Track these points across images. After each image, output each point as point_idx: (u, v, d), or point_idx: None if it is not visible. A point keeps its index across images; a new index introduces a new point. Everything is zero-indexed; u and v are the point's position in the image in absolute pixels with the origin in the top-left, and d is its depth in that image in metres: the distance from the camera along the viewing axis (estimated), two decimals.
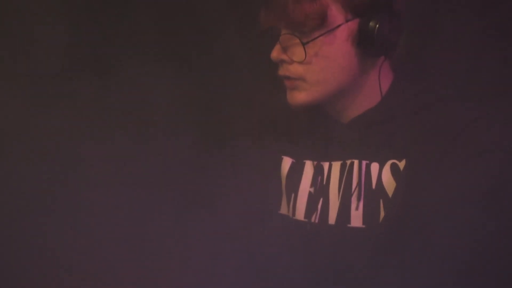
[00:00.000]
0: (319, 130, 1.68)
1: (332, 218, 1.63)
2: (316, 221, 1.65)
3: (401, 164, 1.57)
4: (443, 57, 1.78)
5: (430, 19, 1.79)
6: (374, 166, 1.59)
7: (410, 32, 1.68)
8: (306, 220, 1.66)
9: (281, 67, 1.60)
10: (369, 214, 1.59)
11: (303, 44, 1.54)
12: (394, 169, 1.58)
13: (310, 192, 1.66)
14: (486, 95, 1.68)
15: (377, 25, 1.53)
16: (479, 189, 1.51)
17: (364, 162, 1.60)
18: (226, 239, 1.74)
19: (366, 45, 1.55)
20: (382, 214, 1.58)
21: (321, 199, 1.65)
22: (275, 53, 1.58)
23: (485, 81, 1.72)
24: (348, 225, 1.61)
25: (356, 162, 1.61)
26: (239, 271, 1.69)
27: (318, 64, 1.56)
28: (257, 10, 1.59)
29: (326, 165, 1.65)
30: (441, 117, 1.57)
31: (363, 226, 1.59)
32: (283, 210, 1.71)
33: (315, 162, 1.67)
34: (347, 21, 1.54)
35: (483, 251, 1.51)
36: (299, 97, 1.59)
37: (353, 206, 1.60)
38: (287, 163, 1.71)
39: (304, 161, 1.69)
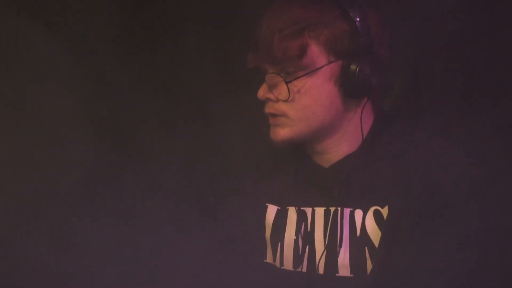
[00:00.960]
0: (301, 175, 1.68)
1: (320, 267, 1.62)
2: (305, 270, 1.64)
3: (384, 211, 1.57)
4: (424, 100, 1.80)
5: (413, 64, 1.81)
6: (358, 213, 1.59)
7: (392, 75, 1.71)
8: (294, 269, 1.65)
9: (267, 105, 1.62)
10: (356, 263, 1.58)
11: (286, 83, 1.57)
12: (377, 216, 1.58)
13: (295, 240, 1.65)
14: (468, 138, 1.69)
15: (358, 68, 1.55)
16: (465, 240, 1.52)
17: (347, 210, 1.60)
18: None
19: (348, 87, 1.58)
20: (369, 263, 1.57)
21: (308, 247, 1.64)
22: (262, 92, 1.61)
23: (468, 125, 1.72)
24: (337, 275, 1.60)
25: (339, 209, 1.60)
26: None
27: (301, 102, 1.59)
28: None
29: (309, 211, 1.65)
30: (420, 161, 1.57)
31: (351, 275, 1.58)
32: (269, 259, 1.70)
33: (298, 208, 1.66)
34: (329, 62, 1.57)
35: None
36: (282, 133, 1.61)
37: (340, 255, 1.59)
38: (272, 211, 1.70)
39: (287, 207, 1.69)
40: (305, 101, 1.59)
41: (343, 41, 1.56)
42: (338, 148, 1.64)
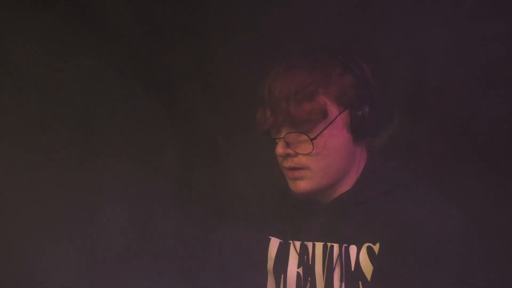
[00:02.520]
0: (302, 210, 1.80)
1: None
2: None
3: (376, 248, 1.69)
4: (413, 140, 1.91)
5: (403, 106, 1.92)
6: (352, 249, 1.71)
7: (385, 116, 1.83)
8: None
9: (285, 160, 1.72)
10: None
11: (311, 140, 1.69)
12: (370, 252, 1.69)
13: (298, 273, 1.77)
14: (452, 178, 1.81)
15: (362, 113, 1.70)
16: (450, 276, 1.64)
17: (343, 246, 1.72)
18: None
19: (357, 131, 1.71)
20: None
21: (309, 279, 1.76)
22: (281, 150, 1.71)
23: (452, 165, 1.84)
24: None
25: (336, 245, 1.72)
26: None
27: (322, 153, 1.70)
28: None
29: (310, 245, 1.76)
30: (408, 200, 1.70)
31: None
32: None
33: (300, 242, 1.78)
34: (340, 113, 1.70)
35: None
36: (303, 185, 1.72)
37: (336, 287, 1.72)
38: (275, 243, 1.82)
39: (290, 241, 1.80)
40: (325, 151, 1.70)
41: (349, 92, 1.69)
42: (338, 186, 1.76)
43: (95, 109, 2.13)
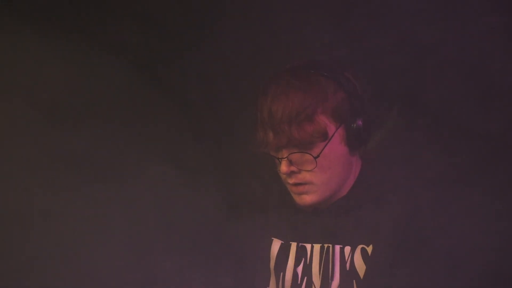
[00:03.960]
0: (302, 214, 1.92)
1: None
2: None
3: (369, 249, 1.83)
4: (402, 149, 2.01)
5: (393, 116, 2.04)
6: (347, 250, 1.85)
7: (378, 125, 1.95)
8: None
9: (290, 177, 1.84)
10: None
11: (315, 158, 1.80)
12: (363, 253, 1.83)
13: (296, 272, 1.91)
14: (439, 181, 1.93)
15: (356, 126, 1.82)
16: (435, 272, 1.79)
17: (338, 247, 1.86)
18: None
19: (353, 143, 1.83)
20: None
21: (305, 278, 1.89)
22: (285, 168, 1.82)
23: (436, 169, 1.96)
24: None
25: (331, 246, 1.86)
26: None
27: (324, 168, 1.82)
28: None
29: (308, 247, 1.90)
30: (398, 204, 1.84)
31: None
32: (272, 286, 1.95)
33: (299, 244, 1.92)
34: (337, 128, 1.81)
35: None
36: (309, 199, 1.85)
37: (332, 286, 1.85)
38: (276, 244, 1.96)
39: (290, 242, 1.94)
40: (327, 166, 1.82)
41: (343, 108, 1.81)
42: (336, 193, 1.89)
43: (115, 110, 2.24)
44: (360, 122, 1.82)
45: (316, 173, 1.82)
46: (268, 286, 1.96)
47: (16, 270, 2.15)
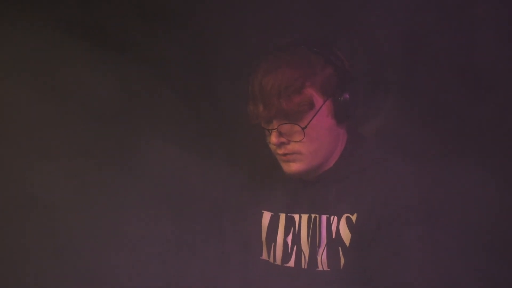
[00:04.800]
0: (290, 187, 2.03)
1: (304, 263, 1.98)
2: (292, 265, 2.00)
3: (354, 218, 1.93)
4: (386, 123, 2.15)
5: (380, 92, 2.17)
6: (333, 219, 1.95)
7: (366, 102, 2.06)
8: (284, 265, 2.02)
9: (279, 148, 1.94)
10: (332, 260, 1.94)
11: (303, 129, 1.90)
12: (348, 222, 1.93)
13: (286, 241, 2.01)
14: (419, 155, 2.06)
15: (343, 99, 1.92)
16: (419, 237, 1.89)
17: (325, 217, 1.96)
18: (220, 279, 2.12)
19: (340, 115, 1.93)
20: (342, 260, 1.93)
21: (295, 247, 2.00)
22: (275, 139, 1.93)
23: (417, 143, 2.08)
24: (317, 269, 1.96)
25: (318, 216, 1.96)
26: None
27: (311, 139, 1.93)
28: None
29: (296, 217, 2.00)
30: (379, 175, 1.94)
31: (329, 269, 1.95)
32: (265, 256, 2.06)
33: (288, 215, 2.02)
34: (325, 101, 1.92)
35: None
36: (296, 167, 1.95)
37: (319, 253, 1.96)
38: (267, 217, 2.06)
39: (279, 214, 2.04)
40: (315, 137, 1.92)
41: (331, 83, 1.91)
42: (322, 165, 1.98)
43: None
44: (347, 96, 1.92)
45: (304, 144, 1.92)
46: (261, 256, 2.07)
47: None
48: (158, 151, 2.27)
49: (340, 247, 1.94)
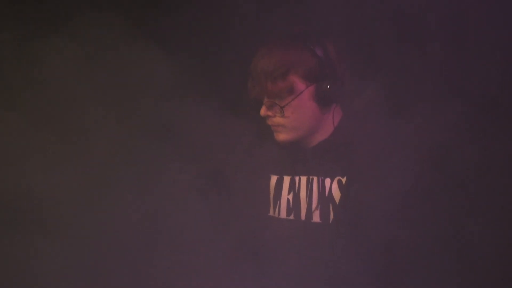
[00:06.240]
0: (292, 155, 2.39)
1: (302, 216, 2.35)
2: (293, 218, 2.37)
3: (344, 180, 2.30)
4: (376, 102, 2.39)
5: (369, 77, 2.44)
6: (327, 181, 2.32)
7: (352, 85, 2.36)
8: (286, 218, 2.38)
9: (268, 119, 2.34)
10: (324, 214, 2.31)
11: (281, 108, 2.29)
12: (339, 183, 2.30)
13: (288, 199, 2.39)
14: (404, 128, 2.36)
15: (326, 87, 2.28)
16: (398, 196, 2.23)
17: (320, 178, 2.33)
18: (230, 233, 2.47)
19: (321, 100, 2.30)
20: (332, 214, 2.30)
21: (295, 203, 2.37)
22: (263, 112, 2.33)
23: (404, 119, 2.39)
24: (312, 221, 2.33)
25: (315, 178, 2.33)
26: (240, 254, 2.41)
27: (293, 117, 2.30)
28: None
29: (297, 179, 2.38)
30: (367, 145, 2.28)
31: (321, 221, 2.31)
32: (271, 213, 2.43)
33: (290, 177, 2.39)
34: (307, 87, 2.29)
35: (406, 240, 2.23)
36: (282, 137, 2.34)
37: (314, 208, 2.33)
38: (274, 179, 2.43)
39: (284, 176, 2.41)
40: (294, 116, 2.29)
41: (314, 71, 2.27)
42: (316, 137, 2.34)
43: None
44: (328, 86, 2.27)
45: (286, 119, 2.29)
46: (269, 213, 2.44)
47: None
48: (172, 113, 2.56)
49: (331, 204, 2.31)
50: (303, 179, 2.37)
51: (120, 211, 2.53)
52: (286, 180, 2.41)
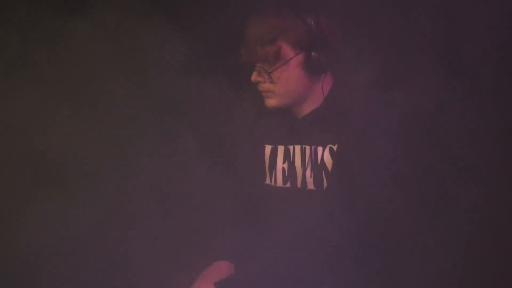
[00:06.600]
0: (285, 124, 2.47)
1: (298, 183, 2.44)
2: (289, 186, 2.47)
3: (335, 147, 2.37)
4: (370, 72, 2.46)
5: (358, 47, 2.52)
6: (319, 149, 2.40)
7: (343, 56, 2.43)
8: (283, 186, 2.48)
9: (258, 85, 2.42)
10: (317, 181, 2.40)
11: (269, 73, 2.37)
12: (331, 151, 2.38)
13: (283, 167, 2.48)
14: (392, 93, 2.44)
15: (314, 56, 2.34)
16: (388, 162, 2.33)
17: (313, 147, 2.41)
18: (229, 198, 2.60)
19: (310, 69, 2.37)
20: (325, 181, 2.38)
21: (291, 171, 2.46)
22: (253, 77, 2.41)
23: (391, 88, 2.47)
24: (306, 188, 2.42)
25: (308, 147, 2.41)
26: (241, 220, 2.54)
27: (281, 83, 2.38)
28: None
29: (291, 148, 2.46)
30: (356, 113, 2.36)
31: (315, 188, 2.41)
32: (268, 181, 2.52)
33: (285, 146, 2.47)
34: (296, 54, 2.36)
35: (396, 202, 2.32)
36: (271, 102, 2.42)
37: (308, 175, 2.41)
38: (268, 149, 2.52)
39: (278, 146, 2.50)
40: (283, 83, 2.37)
41: (303, 39, 2.34)
42: (307, 106, 2.42)
43: None
44: (316, 55, 2.34)
45: (275, 86, 2.37)
46: (265, 181, 2.53)
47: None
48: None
49: (323, 171, 2.40)
50: (297, 148, 2.46)
51: (136, 174, 2.77)
52: (280, 149, 2.50)
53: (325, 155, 2.40)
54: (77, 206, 2.71)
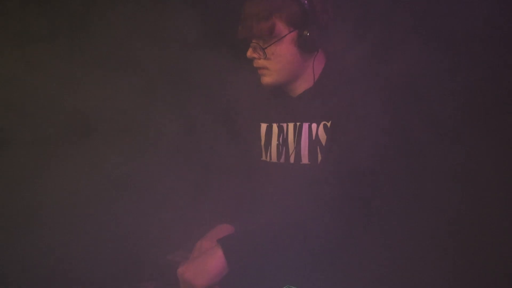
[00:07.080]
0: (280, 103, 2.58)
1: (292, 158, 2.55)
2: (283, 161, 2.58)
3: (329, 124, 2.47)
4: (361, 49, 2.54)
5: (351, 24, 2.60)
6: (313, 126, 2.50)
7: (337, 32, 2.51)
8: (277, 161, 2.60)
9: (254, 62, 2.51)
10: (312, 155, 2.50)
11: (263, 49, 2.46)
12: (325, 127, 2.48)
13: (277, 144, 2.59)
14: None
15: (308, 33, 2.43)
16: (380, 135, 2.40)
17: (307, 124, 2.51)
18: (227, 176, 2.74)
19: (302, 46, 2.45)
20: (319, 156, 2.49)
21: (284, 147, 2.57)
22: (249, 53, 2.50)
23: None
24: (301, 163, 2.53)
25: (303, 124, 2.51)
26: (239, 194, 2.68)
27: (275, 59, 2.46)
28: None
29: (285, 125, 2.56)
30: (348, 91, 2.44)
31: (309, 163, 2.51)
32: (263, 157, 2.64)
33: (278, 124, 2.58)
34: (290, 32, 2.45)
35: (388, 173, 2.42)
36: (266, 79, 2.51)
37: (302, 151, 2.51)
38: (263, 127, 2.63)
39: (272, 124, 2.60)
40: (276, 59, 2.46)
41: (297, 17, 2.42)
42: (301, 85, 2.52)
43: None
44: (309, 32, 2.42)
45: (270, 62, 2.46)
46: (261, 157, 2.65)
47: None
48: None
49: (318, 147, 2.50)
50: (290, 125, 2.56)
51: (153, 133, 3.02)
52: (275, 127, 2.61)
53: (320, 131, 2.50)
54: (104, 160, 2.97)
